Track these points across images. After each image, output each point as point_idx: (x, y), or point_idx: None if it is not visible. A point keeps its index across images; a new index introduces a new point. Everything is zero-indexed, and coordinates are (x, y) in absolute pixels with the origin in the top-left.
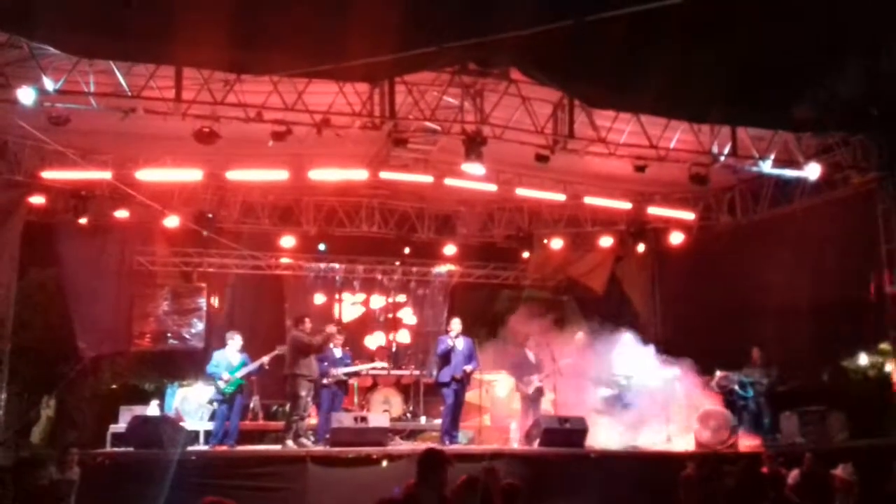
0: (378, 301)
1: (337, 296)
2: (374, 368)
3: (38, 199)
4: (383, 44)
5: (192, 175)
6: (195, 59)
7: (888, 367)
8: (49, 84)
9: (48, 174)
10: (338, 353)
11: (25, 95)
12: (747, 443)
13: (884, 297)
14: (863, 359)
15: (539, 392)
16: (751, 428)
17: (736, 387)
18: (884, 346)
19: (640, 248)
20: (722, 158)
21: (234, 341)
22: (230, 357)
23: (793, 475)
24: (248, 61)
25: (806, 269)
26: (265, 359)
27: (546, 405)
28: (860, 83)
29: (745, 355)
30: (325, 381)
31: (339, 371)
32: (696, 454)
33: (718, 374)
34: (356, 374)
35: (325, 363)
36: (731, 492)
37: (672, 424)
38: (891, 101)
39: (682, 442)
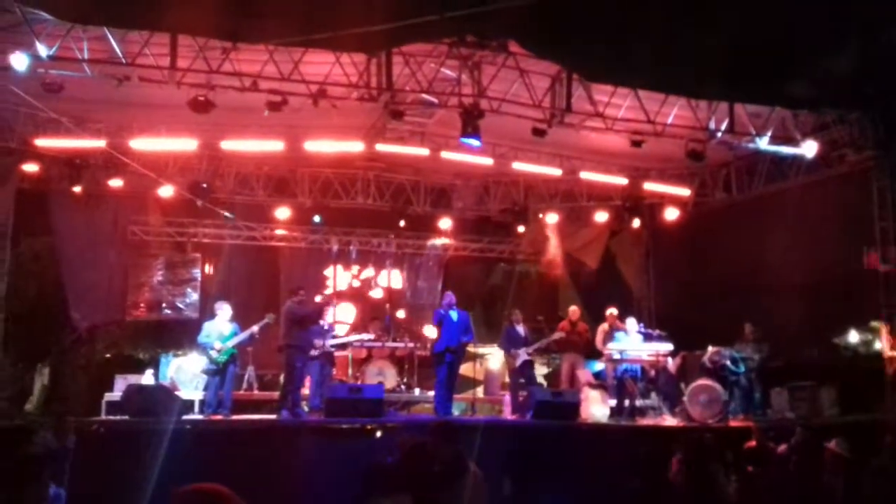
0: (373, 273)
1: (332, 267)
2: (360, 340)
3: (31, 167)
4: (381, 12)
5: (186, 144)
6: (190, 27)
7: (878, 344)
8: (42, 50)
9: (42, 142)
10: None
11: (18, 61)
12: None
13: (876, 274)
14: (853, 335)
15: (529, 366)
16: (742, 403)
17: (728, 362)
18: (874, 323)
19: (635, 223)
20: (719, 135)
21: (224, 311)
22: (220, 327)
23: (781, 449)
24: (243, 29)
25: (800, 247)
26: (255, 328)
27: (538, 379)
28: (857, 61)
29: (738, 331)
30: (313, 352)
31: (326, 342)
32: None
33: (710, 349)
34: (347, 345)
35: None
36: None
37: (663, 399)
38: (887, 79)
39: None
